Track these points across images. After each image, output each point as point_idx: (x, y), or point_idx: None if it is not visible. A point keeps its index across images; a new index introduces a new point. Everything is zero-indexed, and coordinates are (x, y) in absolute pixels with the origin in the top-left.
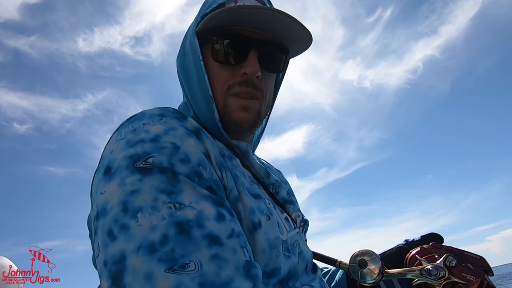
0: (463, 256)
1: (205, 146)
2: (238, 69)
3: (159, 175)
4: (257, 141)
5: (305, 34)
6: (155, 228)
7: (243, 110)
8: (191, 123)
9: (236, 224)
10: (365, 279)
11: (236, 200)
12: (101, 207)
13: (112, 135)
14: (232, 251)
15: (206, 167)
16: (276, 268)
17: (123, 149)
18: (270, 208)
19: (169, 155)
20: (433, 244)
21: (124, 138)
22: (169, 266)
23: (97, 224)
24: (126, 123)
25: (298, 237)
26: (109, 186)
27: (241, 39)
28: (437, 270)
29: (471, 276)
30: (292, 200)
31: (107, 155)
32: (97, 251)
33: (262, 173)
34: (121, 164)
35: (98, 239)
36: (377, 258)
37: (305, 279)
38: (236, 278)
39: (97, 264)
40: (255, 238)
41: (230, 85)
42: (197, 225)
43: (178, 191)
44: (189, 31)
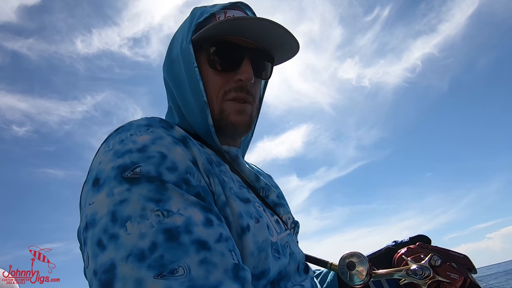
0: (447, 255)
1: (193, 153)
2: (233, 76)
3: (146, 184)
4: (246, 146)
5: (294, 43)
6: (144, 236)
7: (239, 114)
8: (178, 131)
9: (224, 228)
10: (354, 281)
11: (224, 205)
12: (90, 218)
13: (100, 146)
14: (220, 255)
15: (193, 174)
16: (265, 269)
17: (111, 159)
18: (259, 211)
19: (156, 164)
20: (420, 244)
21: (112, 149)
22: (158, 272)
23: (86, 234)
24: (113, 134)
25: (289, 239)
26: (98, 196)
27: (236, 48)
28: (422, 270)
29: (455, 274)
30: (283, 203)
31: (95, 166)
32: (86, 262)
33: (252, 177)
34: (109, 175)
35: (88, 249)
36: (364, 259)
37: (297, 280)
38: (225, 281)
39: (87, 274)
40: (244, 242)
41: (226, 91)
42: (185, 231)
43: (166, 199)
44: (177, 37)
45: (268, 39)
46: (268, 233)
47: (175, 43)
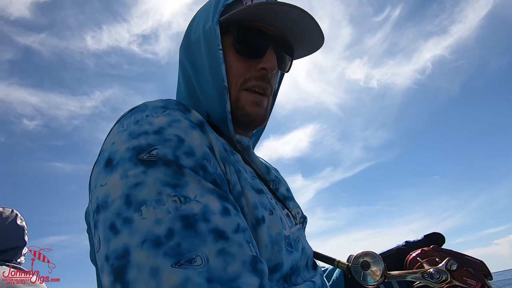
0: (463, 260)
1: (209, 139)
2: (255, 64)
3: (163, 167)
4: (257, 138)
5: (318, 40)
6: (160, 222)
7: (255, 105)
8: (195, 115)
9: (241, 219)
10: (367, 281)
11: (239, 195)
12: (102, 200)
13: (113, 126)
14: (238, 246)
15: (210, 160)
16: (279, 263)
17: (125, 140)
18: (272, 203)
19: (173, 148)
20: (434, 247)
21: (126, 130)
22: (175, 260)
23: (98, 217)
24: (127, 115)
25: (299, 233)
26: (111, 178)
27: (262, 35)
28: (439, 274)
29: (472, 280)
30: (292, 197)
31: (108, 147)
32: (97, 245)
33: (263, 169)
34: (124, 156)
35: (99, 233)
36: (380, 260)
37: (306, 275)
38: (243, 274)
39: (98, 258)
40: (258, 234)
41: (246, 79)
42: (202, 219)
43: (183, 185)
44: (199, 18)
45: (294, 30)
46: (281, 226)
47: (196, 24)
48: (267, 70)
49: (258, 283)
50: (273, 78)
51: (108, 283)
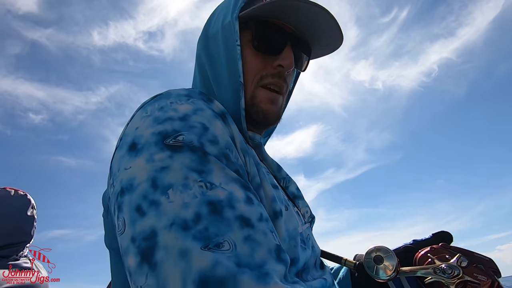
0: (473, 257)
1: (231, 130)
2: (272, 61)
3: (189, 153)
4: (268, 136)
5: (337, 41)
6: (187, 206)
7: (271, 103)
8: (217, 106)
9: (263, 209)
10: (379, 275)
11: (258, 187)
12: (127, 183)
13: (135, 113)
14: (263, 234)
15: (232, 150)
16: (295, 258)
17: (150, 125)
18: (286, 200)
19: (198, 135)
20: (443, 244)
21: (151, 116)
22: (204, 244)
23: (122, 199)
24: (151, 101)
25: (309, 232)
26: (136, 161)
27: (281, 32)
28: (451, 269)
29: (483, 276)
30: (302, 196)
31: (131, 132)
32: (122, 227)
33: (274, 166)
34: (149, 141)
35: (124, 215)
36: (393, 254)
37: (315, 274)
38: (269, 261)
39: (122, 240)
40: (276, 227)
41: (263, 76)
42: (228, 205)
43: (208, 171)
44: (219, 13)
45: (313, 29)
46: (296, 221)
47: (215, 18)
48: (284, 68)
49: (284, 271)
50: (289, 76)
51: (134, 264)
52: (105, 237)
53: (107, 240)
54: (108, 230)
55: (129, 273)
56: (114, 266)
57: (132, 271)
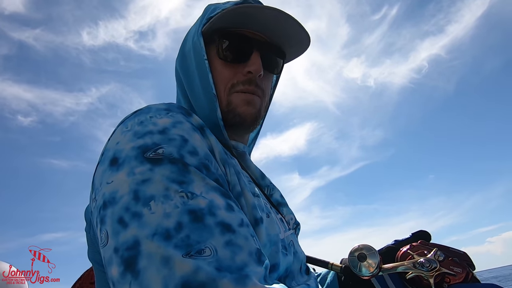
0: (449, 251)
1: (209, 142)
2: (242, 68)
3: (169, 165)
4: (252, 143)
5: (304, 36)
6: (169, 216)
7: (246, 104)
8: (196, 119)
9: (244, 215)
10: (362, 272)
11: (239, 195)
12: (109, 196)
13: (116, 128)
14: (244, 238)
15: (211, 161)
16: (276, 264)
17: (130, 140)
18: (268, 208)
19: (178, 147)
20: (422, 241)
21: (131, 130)
22: (185, 251)
23: (105, 213)
24: (131, 117)
25: (293, 238)
26: (117, 175)
27: (245, 40)
28: (429, 263)
29: (458, 268)
30: (285, 203)
31: (112, 146)
32: (104, 240)
33: (258, 174)
34: (129, 155)
35: (106, 227)
36: (375, 252)
37: (300, 280)
38: (250, 263)
39: (105, 252)
40: (257, 233)
41: (233, 84)
42: (209, 213)
43: (188, 181)
44: (191, 32)
45: (277, 31)
46: (277, 228)
47: (188, 38)
48: (252, 73)
49: (264, 273)
50: (263, 81)
51: (117, 274)
52: (88, 251)
53: (90, 254)
54: (91, 244)
55: (113, 283)
56: (98, 280)
57: (115, 280)
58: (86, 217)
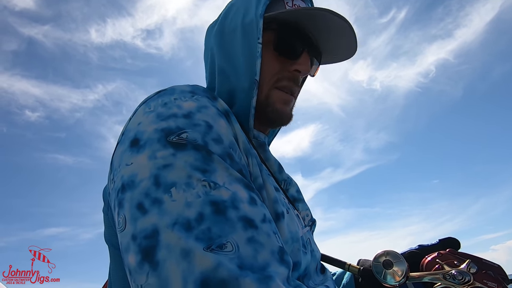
0: (482, 263)
1: (234, 130)
2: (290, 65)
3: (193, 151)
4: (273, 136)
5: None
6: (190, 205)
7: (284, 103)
8: (221, 104)
9: (266, 210)
10: (387, 280)
11: (260, 188)
12: (128, 179)
13: (137, 108)
14: (266, 236)
15: (236, 150)
16: (298, 262)
17: (153, 121)
18: (286, 203)
19: (203, 133)
20: (451, 250)
21: (154, 111)
22: (207, 245)
23: (123, 196)
24: (154, 97)
25: (309, 236)
26: (138, 158)
27: (301, 38)
28: (462, 275)
29: (493, 283)
30: (301, 199)
31: (133, 127)
32: (122, 224)
33: (276, 167)
34: (152, 137)
35: (125, 212)
36: (402, 260)
37: (316, 279)
38: (272, 263)
39: (122, 238)
40: (279, 228)
41: (279, 78)
42: (232, 206)
43: (212, 170)
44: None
45: (332, 40)
46: (297, 225)
47: (233, 13)
48: (300, 72)
49: (287, 274)
50: (301, 81)
51: (135, 263)
52: (104, 232)
53: (107, 235)
54: (108, 226)
55: (129, 271)
56: (113, 263)
57: (132, 269)
58: (104, 197)
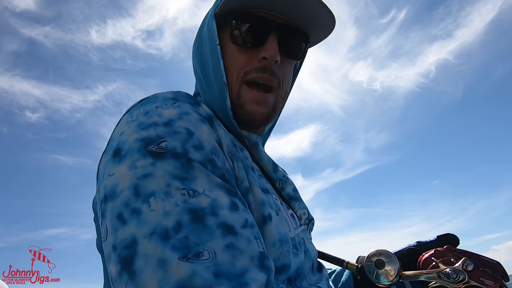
0: (479, 260)
1: (218, 134)
2: (257, 54)
3: (172, 160)
4: (267, 134)
5: (328, 19)
6: (169, 214)
7: (256, 104)
8: (204, 109)
9: (249, 214)
10: (380, 280)
11: (246, 191)
12: (110, 190)
13: (122, 116)
14: (246, 241)
15: (219, 155)
16: (286, 264)
17: (134, 131)
18: (277, 204)
19: (182, 141)
20: (448, 247)
21: (136, 120)
22: (183, 254)
23: (105, 207)
24: (137, 105)
25: (304, 235)
26: (119, 168)
27: (261, 22)
28: (456, 274)
29: (489, 281)
30: (298, 197)
31: (116, 137)
32: (104, 235)
33: (270, 167)
34: (132, 147)
35: (106, 222)
36: (395, 259)
37: (312, 279)
38: (251, 269)
39: (104, 248)
40: (266, 231)
41: (246, 71)
42: (211, 213)
43: (191, 178)
44: (207, 15)
45: (298, 12)
46: (287, 227)
47: (204, 22)
48: (267, 59)
49: (265, 279)
50: (281, 68)
51: (115, 272)
52: (96, 241)
53: (98, 243)
54: (99, 234)
55: (111, 280)
56: (105, 270)
57: (113, 279)
58: (94, 207)
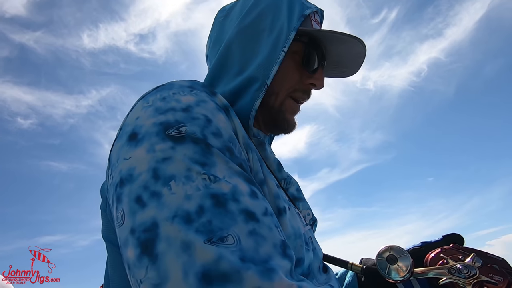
0: (487, 257)
1: (233, 124)
2: (307, 78)
3: (192, 144)
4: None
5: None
6: (190, 198)
7: (293, 113)
8: (220, 99)
9: (268, 203)
10: (392, 276)
11: (262, 183)
12: (127, 173)
13: (135, 103)
14: (268, 229)
15: (235, 144)
16: (301, 258)
17: (151, 115)
18: (287, 200)
19: (202, 127)
20: (454, 245)
21: (152, 106)
22: (207, 237)
23: (122, 190)
24: (152, 92)
25: (311, 234)
26: (136, 152)
27: (322, 55)
28: (467, 269)
29: (499, 277)
30: (302, 197)
31: (131, 122)
32: (121, 219)
33: (275, 166)
34: (150, 131)
35: (123, 206)
36: (407, 255)
37: (320, 278)
38: (275, 256)
39: (120, 232)
40: (281, 224)
41: (296, 88)
42: (232, 199)
43: (211, 164)
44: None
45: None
46: (299, 222)
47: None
48: (315, 87)
49: (289, 267)
50: None
51: (134, 257)
52: (102, 230)
53: (105, 232)
54: (106, 222)
55: (128, 265)
56: (111, 260)
57: (131, 263)
58: (102, 194)
